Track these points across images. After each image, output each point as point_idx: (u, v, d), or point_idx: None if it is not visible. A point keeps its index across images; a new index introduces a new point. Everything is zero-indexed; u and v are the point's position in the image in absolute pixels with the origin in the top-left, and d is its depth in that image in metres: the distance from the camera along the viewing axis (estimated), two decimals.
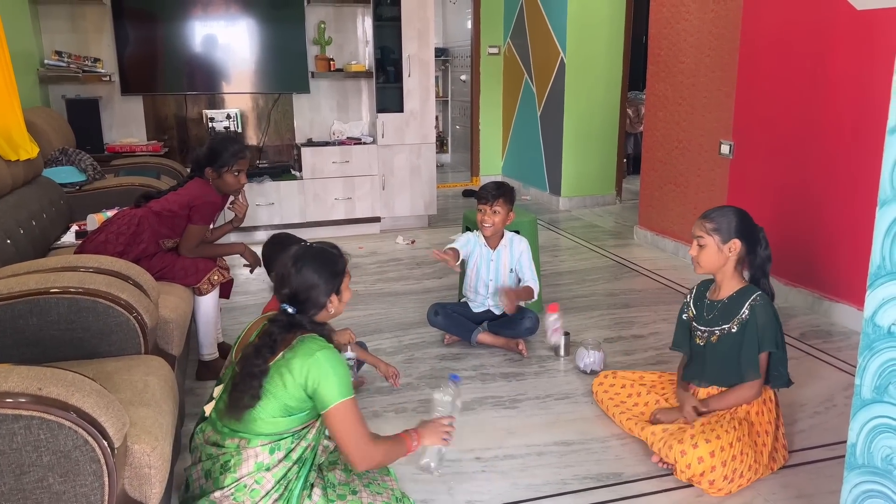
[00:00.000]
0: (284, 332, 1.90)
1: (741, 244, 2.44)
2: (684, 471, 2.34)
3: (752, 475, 2.35)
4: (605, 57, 6.57)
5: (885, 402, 1.77)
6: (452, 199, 7.32)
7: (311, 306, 1.95)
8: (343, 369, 1.89)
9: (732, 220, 2.44)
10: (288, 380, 1.84)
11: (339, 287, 2.01)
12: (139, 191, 3.90)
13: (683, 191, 5.05)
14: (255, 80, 5.78)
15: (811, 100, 3.87)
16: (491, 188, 3.38)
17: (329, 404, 1.85)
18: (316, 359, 1.84)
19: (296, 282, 1.94)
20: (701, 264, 2.49)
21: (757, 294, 2.44)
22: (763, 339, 2.41)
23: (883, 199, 1.73)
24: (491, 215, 3.36)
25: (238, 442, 1.88)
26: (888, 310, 1.74)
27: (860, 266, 3.65)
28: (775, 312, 2.44)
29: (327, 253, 2.01)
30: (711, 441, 2.32)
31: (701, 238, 2.46)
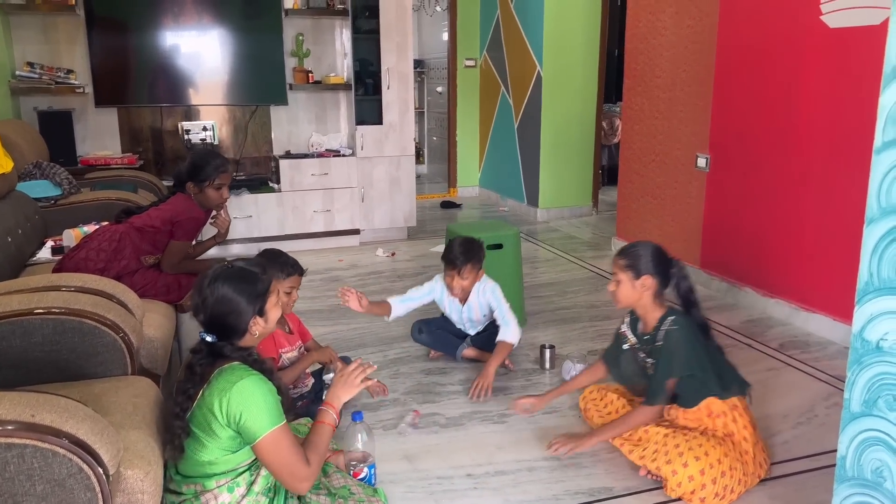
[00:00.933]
0: (207, 362, 1.80)
1: (653, 280, 2.50)
2: (675, 489, 2.36)
3: (741, 489, 2.38)
4: (580, 70, 6.65)
5: (874, 415, 1.81)
6: (430, 211, 7.33)
7: (230, 332, 1.84)
8: (270, 396, 1.77)
9: (643, 257, 2.51)
10: (211, 421, 1.74)
11: (262, 308, 1.89)
12: (116, 205, 3.84)
13: (661, 203, 5.12)
14: (232, 92, 5.73)
15: (786, 114, 3.96)
16: (458, 254, 3.22)
17: (257, 436, 1.74)
18: (235, 390, 1.73)
19: (212, 307, 1.82)
20: (619, 299, 2.57)
21: (670, 319, 2.50)
22: (673, 366, 2.46)
23: (870, 217, 1.77)
24: (459, 281, 3.27)
25: (195, 487, 1.82)
26: (876, 325, 1.78)
27: (836, 277, 3.74)
28: (691, 333, 2.47)
29: (246, 272, 1.88)
30: (701, 458, 2.34)
31: (616, 275, 2.55)
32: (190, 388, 1.80)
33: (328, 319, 4.11)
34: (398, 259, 5.50)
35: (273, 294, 1.93)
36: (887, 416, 1.77)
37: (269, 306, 1.92)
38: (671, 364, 2.47)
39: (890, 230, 1.72)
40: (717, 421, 2.47)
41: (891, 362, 1.75)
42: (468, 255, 3.24)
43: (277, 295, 1.97)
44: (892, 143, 1.70)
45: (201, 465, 1.80)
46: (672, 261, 2.56)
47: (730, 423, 2.47)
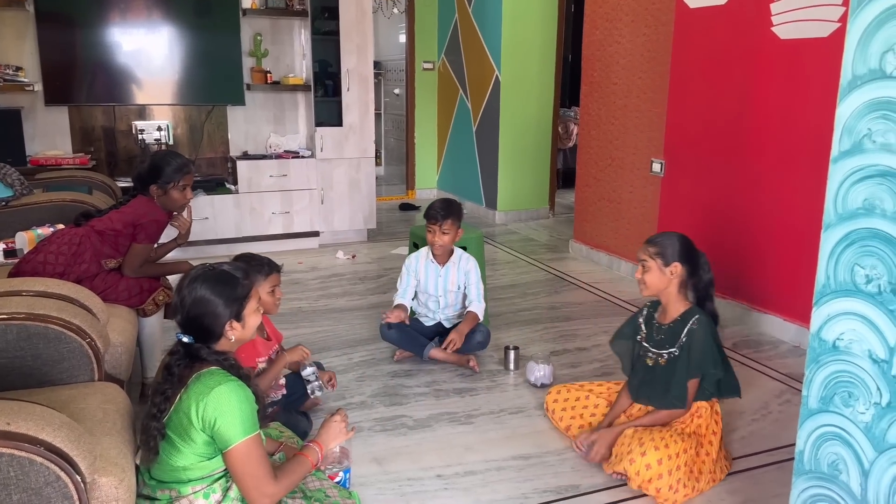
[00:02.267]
0: (184, 364, 1.79)
1: (682, 268, 2.57)
2: (634, 478, 2.43)
3: (693, 484, 2.45)
4: (537, 75, 6.75)
5: (830, 411, 1.90)
6: (388, 213, 7.33)
7: (206, 335, 1.83)
8: (247, 404, 1.76)
9: (675, 245, 2.57)
10: (188, 425, 1.73)
11: (240, 312, 1.87)
12: (71, 207, 3.74)
13: (617, 207, 5.24)
14: (187, 91, 5.63)
15: (739, 122, 4.10)
16: (439, 208, 3.40)
17: (230, 444, 1.73)
18: (213, 396, 1.72)
19: (189, 308, 1.81)
20: (647, 285, 2.61)
21: (695, 318, 2.57)
22: (693, 365, 2.54)
23: (827, 223, 1.86)
24: (441, 235, 3.40)
25: (169, 493, 1.80)
26: (833, 325, 1.87)
27: (787, 279, 3.89)
28: (713, 334, 2.56)
29: (226, 275, 1.87)
30: (660, 449, 2.43)
31: (645, 262, 2.59)
32: (168, 390, 1.78)
33: (290, 323, 4.08)
34: (359, 261, 5.49)
35: (253, 300, 1.91)
36: (843, 411, 1.87)
37: (248, 312, 1.90)
38: (693, 364, 2.53)
39: (846, 235, 1.81)
40: (697, 421, 2.57)
41: (846, 361, 1.84)
42: (448, 210, 3.39)
43: (258, 301, 1.95)
44: (848, 153, 1.79)
45: (176, 470, 1.78)
46: (699, 252, 2.63)
47: (704, 425, 2.56)
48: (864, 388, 1.80)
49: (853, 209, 1.79)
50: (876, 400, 1.77)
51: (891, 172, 1.68)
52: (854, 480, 1.86)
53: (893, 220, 1.69)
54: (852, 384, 1.83)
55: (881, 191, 1.71)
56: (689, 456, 2.46)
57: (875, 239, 1.74)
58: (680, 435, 2.51)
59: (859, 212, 1.77)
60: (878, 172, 1.71)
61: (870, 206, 1.74)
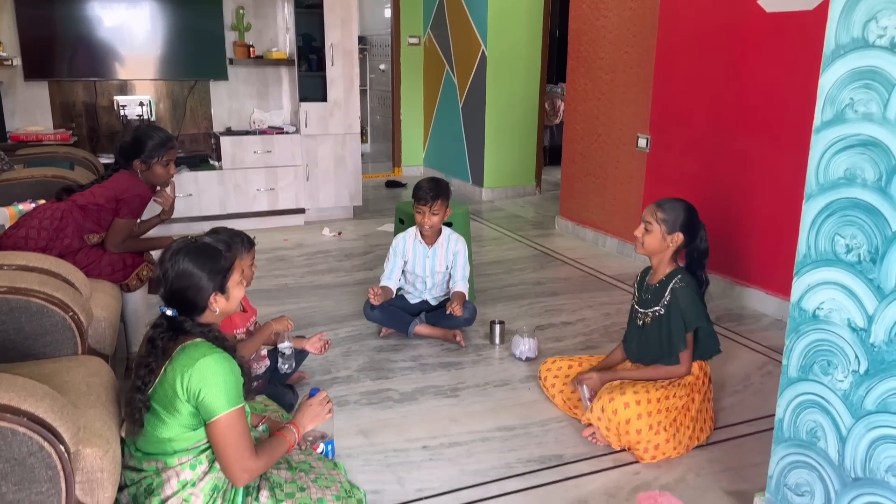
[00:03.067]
0: (168, 337, 1.79)
1: (683, 237, 2.59)
2: (612, 417, 2.48)
3: (674, 432, 2.51)
4: (524, 50, 6.71)
5: (809, 379, 1.94)
6: (375, 190, 7.30)
7: (190, 307, 1.82)
8: (232, 376, 1.76)
9: (681, 215, 2.59)
10: (173, 397, 1.73)
11: (224, 284, 1.87)
12: (52, 182, 3.70)
13: (602, 183, 5.24)
14: (169, 66, 5.55)
15: (724, 96, 4.11)
16: (428, 188, 3.37)
17: (213, 415, 1.72)
18: (197, 367, 1.72)
19: (173, 280, 1.80)
20: (644, 245, 2.64)
21: (678, 277, 2.61)
22: (688, 318, 2.57)
23: (809, 193, 1.88)
24: (430, 216, 3.38)
25: (156, 464, 1.80)
26: (813, 295, 1.90)
27: (770, 253, 3.92)
28: (696, 290, 2.61)
29: (209, 248, 1.86)
30: (640, 392, 2.50)
31: (650, 224, 2.61)
32: (152, 363, 1.77)
33: (276, 299, 4.07)
34: (345, 238, 5.48)
35: (236, 272, 1.91)
36: (822, 379, 1.90)
37: (232, 284, 1.89)
38: (688, 318, 2.56)
39: (827, 205, 1.83)
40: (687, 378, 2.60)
41: (826, 330, 1.87)
42: (437, 190, 3.37)
43: (241, 273, 1.95)
44: (830, 123, 1.80)
45: (161, 442, 1.79)
46: (701, 224, 2.65)
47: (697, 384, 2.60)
48: (843, 357, 1.83)
49: (834, 179, 1.80)
50: (854, 368, 1.80)
51: (872, 142, 1.69)
52: (832, 447, 1.89)
53: (874, 190, 1.70)
54: (831, 353, 1.86)
55: (862, 160, 1.72)
56: (671, 403, 2.52)
57: (856, 208, 1.75)
58: (663, 384, 2.57)
59: (840, 182, 1.79)
60: (860, 142, 1.73)
61: (851, 176, 1.76)
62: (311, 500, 1.91)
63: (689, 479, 2.44)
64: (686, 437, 2.56)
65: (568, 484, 2.41)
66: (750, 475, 2.45)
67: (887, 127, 1.65)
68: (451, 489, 2.36)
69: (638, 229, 2.65)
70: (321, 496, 1.93)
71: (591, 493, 2.36)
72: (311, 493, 1.93)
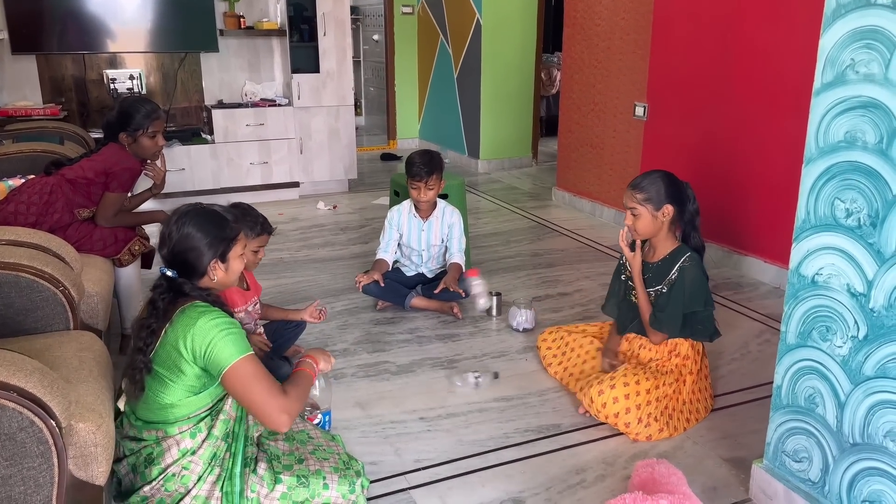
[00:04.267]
0: (168, 298, 1.79)
1: (673, 208, 2.51)
2: (601, 410, 2.47)
3: (666, 420, 2.48)
4: (519, 19, 6.61)
5: (808, 346, 1.92)
6: (370, 163, 7.24)
7: (191, 271, 1.84)
8: (234, 328, 1.77)
9: (661, 187, 2.49)
10: (177, 358, 1.74)
11: (225, 254, 1.88)
12: (42, 157, 3.64)
13: (599, 153, 5.20)
14: (158, 38, 5.45)
15: (721, 63, 4.05)
16: (421, 164, 3.31)
17: (224, 367, 1.72)
18: (198, 326, 1.72)
19: (175, 242, 1.82)
20: (639, 232, 2.54)
21: (686, 255, 2.52)
22: (689, 301, 2.51)
23: (808, 157, 1.84)
24: (426, 191, 3.34)
25: (156, 433, 1.80)
26: (812, 261, 1.87)
27: (768, 221, 3.90)
28: (703, 271, 2.54)
29: (215, 215, 1.87)
30: (630, 385, 2.46)
31: (634, 209, 2.51)
32: (153, 324, 1.77)
33: (272, 273, 4.05)
34: (340, 212, 5.44)
35: (239, 244, 1.91)
36: (820, 346, 1.88)
37: (233, 256, 1.90)
38: (689, 300, 2.50)
39: (827, 169, 1.80)
40: (675, 360, 2.57)
41: (825, 295, 1.85)
42: (431, 165, 3.33)
43: (243, 247, 1.95)
44: (830, 85, 1.76)
45: (162, 409, 1.78)
46: (684, 184, 2.57)
47: (688, 365, 2.56)
48: (842, 322, 1.81)
49: (835, 142, 1.77)
50: (853, 333, 1.78)
51: (873, 103, 1.66)
52: (830, 413, 1.88)
53: (875, 153, 1.67)
54: (830, 318, 1.84)
55: (863, 122, 1.69)
56: (661, 392, 2.49)
57: (856, 172, 1.72)
58: (654, 373, 2.53)
59: (841, 145, 1.75)
60: (861, 104, 1.69)
61: (851, 139, 1.72)
62: (308, 471, 1.91)
63: (686, 447, 2.44)
64: (683, 420, 2.53)
65: (565, 453, 2.41)
66: (748, 442, 2.45)
67: (889, 88, 1.62)
68: (449, 459, 2.36)
69: (626, 218, 2.55)
70: (319, 468, 1.93)
71: (588, 461, 2.36)
72: (310, 464, 1.93)
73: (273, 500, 1.85)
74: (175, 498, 1.79)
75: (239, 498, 1.83)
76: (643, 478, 2.02)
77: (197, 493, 1.80)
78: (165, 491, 1.79)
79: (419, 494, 2.19)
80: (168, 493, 1.79)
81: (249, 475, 1.85)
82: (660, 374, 2.54)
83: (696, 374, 2.59)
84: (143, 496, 1.79)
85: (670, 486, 1.93)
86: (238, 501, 1.83)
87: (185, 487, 1.80)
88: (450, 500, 2.17)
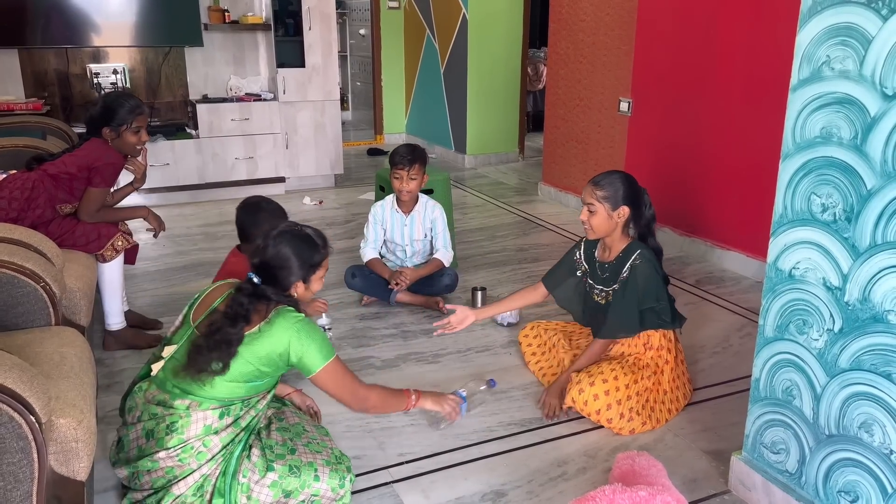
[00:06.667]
0: (253, 301, 1.91)
1: (629, 210, 2.54)
2: (583, 408, 2.49)
3: (648, 413, 2.51)
4: (505, 14, 6.61)
5: (785, 339, 1.95)
6: (357, 158, 7.23)
7: (276, 284, 1.97)
8: (320, 334, 1.96)
9: (620, 188, 2.52)
10: (261, 351, 1.86)
11: (310, 277, 2.03)
12: (24, 152, 3.62)
13: (584, 147, 5.22)
14: (142, 32, 5.41)
15: (705, 59, 4.07)
16: (405, 154, 3.35)
17: (314, 370, 1.93)
18: (297, 331, 1.89)
19: (270, 256, 1.96)
20: (594, 229, 2.56)
21: (637, 253, 2.55)
22: (643, 297, 2.52)
23: (786, 152, 1.87)
24: (408, 181, 3.36)
25: (188, 403, 1.87)
26: (789, 255, 1.90)
27: (749, 216, 3.93)
28: (655, 267, 2.55)
29: (310, 240, 2.02)
30: (609, 381, 2.48)
31: (592, 205, 2.53)
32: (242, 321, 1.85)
33: None
34: (326, 207, 5.43)
35: (323, 269, 2.05)
36: (797, 339, 1.91)
37: (315, 278, 2.04)
38: (642, 297, 2.52)
39: (803, 164, 1.82)
40: (649, 353, 2.60)
41: (801, 289, 1.88)
42: (414, 154, 3.36)
43: (325, 271, 2.08)
44: (806, 81, 1.78)
45: (209, 386, 1.85)
46: (642, 189, 2.59)
47: (663, 355, 2.59)
48: (818, 316, 1.84)
49: (811, 138, 1.79)
50: (829, 326, 1.81)
51: (848, 100, 1.68)
52: (806, 405, 1.91)
53: (850, 148, 1.69)
54: (807, 312, 1.87)
55: (838, 118, 1.71)
56: (640, 387, 2.51)
57: (831, 167, 1.75)
58: (631, 367, 2.56)
59: (817, 140, 1.78)
60: (836, 100, 1.71)
61: (827, 135, 1.75)
62: (301, 462, 1.96)
63: (667, 440, 2.47)
64: (665, 412, 2.56)
65: (547, 446, 2.43)
66: (728, 434, 2.48)
67: (863, 84, 1.64)
68: (432, 453, 2.38)
69: (582, 213, 2.57)
70: (311, 460, 1.98)
71: (570, 454, 2.38)
72: (302, 456, 1.99)
73: (263, 487, 1.91)
74: (185, 472, 1.86)
75: (231, 479, 1.89)
76: (623, 470, 2.04)
77: (205, 472, 1.88)
78: (179, 461, 1.85)
79: (402, 488, 2.21)
80: (181, 464, 1.85)
81: (244, 460, 1.92)
82: (637, 367, 2.56)
83: (673, 361, 2.62)
84: (155, 461, 1.85)
85: (650, 478, 1.95)
86: (230, 482, 1.89)
87: (197, 463, 1.86)
88: (433, 493, 2.18)
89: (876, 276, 1.67)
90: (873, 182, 1.64)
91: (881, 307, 1.67)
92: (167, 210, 4.92)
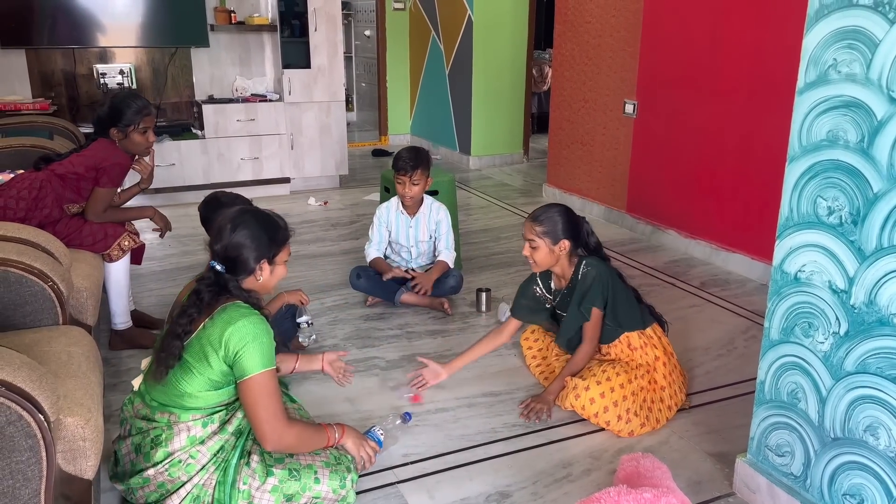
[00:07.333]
0: (213, 292, 1.85)
1: (569, 243, 2.58)
2: (581, 412, 2.51)
3: (647, 413, 2.52)
4: (511, 16, 6.62)
5: (791, 342, 1.95)
6: (361, 160, 7.24)
7: (239, 268, 1.91)
8: (266, 338, 1.84)
9: (559, 222, 2.55)
10: (209, 352, 1.80)
11: (273, 257, 1.96)
12: (31, 152, 3.64)
13: (589, 150, 5.22)
14: (149, 33, 5.43)
15: (710, 62, 4.07)
16: (408, 158, 3.35)
17: (247, 373, 1.80)
18: (237, 326, 1.79)
19: (229, 238, 1.89)
20: (538, 263, 2.61)
21: (584, 262, 2.60)
22: (592, 298, 2.55)
23: (792, 155, 1.87)
24: (411, 186, 3.37)
25: (168, 416, 1.84)
26: (795, 258, 1.90)
27: (754, 218, 3.93)
28: (602, 269, 2.58)
29: (269, 219, 1.97)
30: (602, 383, 2.50)
31: (532, 241, 2.57)
32: (194, 313, 1.82)
33: None
34: (331, 208, 5.44)
35: (286, 250, 2.00)
36: (803, 341, 1.91)
37: (279, 260, 1.98)
38: (589, 296, 2.55)
39: (809, 167, 1.82)
40: (636, 353, 2.61)
41: (807, 292, 1.88)
42: (418, 159, 3.35)
43: (288, 254, 2.03)
44: (813, 84, 1.78)
45: (181, 396, 1.83)
46: (581, 220, 2.64)
47: (650, 352, 2.60)
48: (824, 319, 1.84)
49: (817, 141, 1.79)
50: (835, 329, 1.81)
51: (854, 103, 1.68)
52: (812, 408, 1.91)
53: (856, 151, 1.69)
54: (812, 315, 1.87)
55: (845, 121, 1.71)
56: (636, 386, 2.52)
57: (838, 170, 1.75)
58: (624, 367, 2.57)
59: (823, 143, 1.78)
60: (843, 103, 1.71)
61: (833, 138, 1.75)
62: (300, 465, 1.95)
63: (672, 442, 2.47)
64: (665, 410, 2.56)
65: (552, 447, 2.43)
66: (732, 437, 2.48)
67: (870, 87, 1.64)
68: (437, 454, 2.38)
69: (524, 249, 2.62)
70: (311, 462, 1.97)
71: (575, 455, 2.38)
72: (301, 458, 1.97)
73: (264, 493, 1.88)
74: (176, 485, 1.85)
75: (230, 488, 1.87)
76: (628, 472, 2.04)
77: (198, 482, 1.86)
78: (169, 476, 1.84)
79: (407, 488, 2.21)
80: (171, 478, 1.84)
81: (243, 467, 1.89)
82: (630, 368, 2.58)
83: (664, 355, 2.62)
84: (145, 478, 1.84)
85: (654, 480, 1.95)
86: (229, 492, 1.86)
87: (187, 475, 1.85)
88: (437, 493, 2.19)
89: (882, 280, 1.67)
90: (879, 185, 1.64)
91: (887, 310, 1.67)
92: (173, 210, 4.93)
